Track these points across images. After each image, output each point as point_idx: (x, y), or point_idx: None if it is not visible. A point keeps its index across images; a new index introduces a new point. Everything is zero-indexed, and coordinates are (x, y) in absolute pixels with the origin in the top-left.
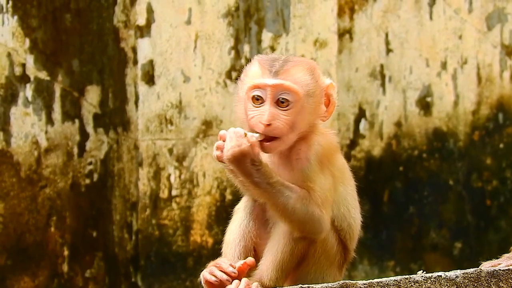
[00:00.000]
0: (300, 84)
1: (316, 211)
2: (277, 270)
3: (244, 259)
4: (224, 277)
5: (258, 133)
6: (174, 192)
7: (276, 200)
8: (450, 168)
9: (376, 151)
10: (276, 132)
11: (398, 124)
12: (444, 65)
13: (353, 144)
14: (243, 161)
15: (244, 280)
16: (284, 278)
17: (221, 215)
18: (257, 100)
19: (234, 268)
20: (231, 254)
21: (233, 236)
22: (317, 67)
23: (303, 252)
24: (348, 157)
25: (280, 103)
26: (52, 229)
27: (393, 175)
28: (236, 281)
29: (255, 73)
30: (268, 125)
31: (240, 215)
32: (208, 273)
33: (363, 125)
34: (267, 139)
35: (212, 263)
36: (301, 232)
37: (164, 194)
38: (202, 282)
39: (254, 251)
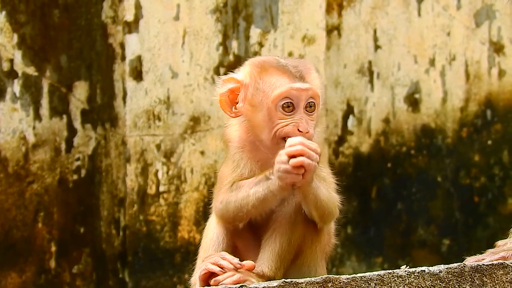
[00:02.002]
0: (319, 87)
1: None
2: (276, 260)
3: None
4: (231, 266)
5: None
6: (161, 188)
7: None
8: (438, 165)
9: (364, 148)
10: (310, 139)
11: (386, 121)
12: (432, 62)
13: (341, 140)
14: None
15: (237, 275)
16: (283, 269)
17: (208, 211)
18: (288, 107)
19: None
20: (214, 252)
21: (216, 234)
22: None
23: (299, 243)
24: (336, 153)
25: (308, 107)
26: (40, 225)
27: (381, 171)
28: (229, 273)
29: (278, 80)
30: (306, 132)
31: None
32: (210, 264)
33: (351, 121)
34: None
35: (211, 256)
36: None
37: (151, 190)
38: (199, 275)
39: (234, 248)
